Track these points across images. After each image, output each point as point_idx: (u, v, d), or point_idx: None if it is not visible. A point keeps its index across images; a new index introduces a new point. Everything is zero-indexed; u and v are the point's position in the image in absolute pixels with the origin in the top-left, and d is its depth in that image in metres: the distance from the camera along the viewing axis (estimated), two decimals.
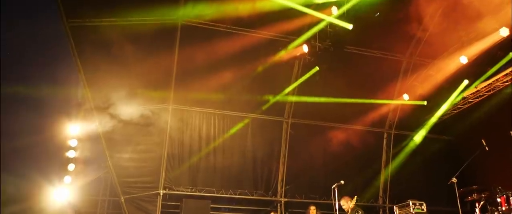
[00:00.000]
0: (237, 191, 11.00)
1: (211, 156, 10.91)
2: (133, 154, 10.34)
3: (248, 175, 11.21)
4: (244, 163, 11.19)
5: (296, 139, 11.38)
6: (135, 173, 10.32)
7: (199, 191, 10.72)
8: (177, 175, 10.64)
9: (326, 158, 11.58)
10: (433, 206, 8.90)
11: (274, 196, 11.31)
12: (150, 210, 10.29)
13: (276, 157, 11.41)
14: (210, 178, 10.91)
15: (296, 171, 11.34)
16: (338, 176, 11.02)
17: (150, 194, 10.34)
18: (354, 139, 11.49)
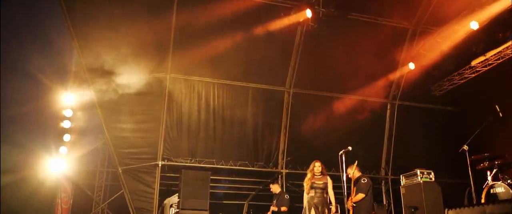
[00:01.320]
0: (237, 163, 10.65)
1: (211, 126, 10.52)
2: (131, 125, 9.94)
3: (248, 146, 10.84)
4: (245, 134, 10.81)
5: (297, 109, 10.97)
6: (133, 143, 9.95)
7: (198, 162, 10.37)
8: (176, 146, 10.28)
9: (328, 129, 11.17)
10: (438, 178, 8.57)
11: (275, 167, 10.98)
12: (149, 181, 9.96)
13: (277, 127, 11.01)
14: (210, 149, 10.55)
15: (298, 142, 10.96)
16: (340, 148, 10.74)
17: (149, 165, 9.99)
18: (357, 109, 11.08)
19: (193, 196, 9.53)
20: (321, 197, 6.61)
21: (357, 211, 7.12)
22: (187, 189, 9.54)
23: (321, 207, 6.51)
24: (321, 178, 6.84)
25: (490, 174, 6.49)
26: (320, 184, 6.70)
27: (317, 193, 6.62)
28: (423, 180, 7.22)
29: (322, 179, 6.83)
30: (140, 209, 9.78)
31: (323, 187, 6.65)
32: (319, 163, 7.12)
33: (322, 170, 7.01)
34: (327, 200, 6.72)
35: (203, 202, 9.59)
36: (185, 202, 9.44)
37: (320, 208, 6.48)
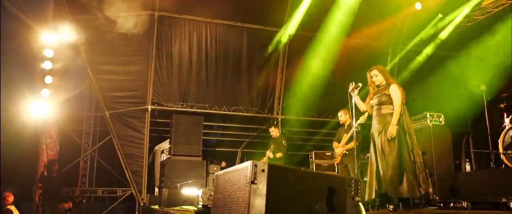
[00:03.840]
0: (231, 108, 9.91)
1: (203, 70, 9.65)
2: (117, 67, 9.03)
3: (243, 91, 10.05)
4: (239, 78, 9.98)
5: (295, 53, 10.11)
6: (120, 87, 9.09)
7: (190, 107, 9.60)
8: (166, 89, 9.44)
9: (327, 74, 10.39)
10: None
11: (270, 113, 10.28)
12: (138, 127, 9.21)
13: (273, 71, 10.20)
14: (202, 94, 9.75)
15: (295, 87, 10.19)
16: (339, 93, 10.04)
17: (138, 110, 9.19)
18: (357, 53, 10.22)
19: (185, 142, 8.88)
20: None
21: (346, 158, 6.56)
22: (179, 134, 8.87)
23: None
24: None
25: (507, 116, 5.82)
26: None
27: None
28: (432, 123, 6.53)
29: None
30: (130, 155, 9.10)
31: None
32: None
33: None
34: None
35: (196, 148, 8.96)
36: (177, 148, 8.80)
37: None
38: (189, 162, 8.78)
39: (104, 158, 10.41)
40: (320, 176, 1.91)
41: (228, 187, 2.20)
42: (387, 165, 4.55)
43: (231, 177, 2.17)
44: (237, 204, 1.95)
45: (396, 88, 4.72)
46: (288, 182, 1.83)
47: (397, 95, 4.67)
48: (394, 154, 4.56)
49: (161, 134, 10.33)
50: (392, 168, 4.50)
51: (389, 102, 4.72)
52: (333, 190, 1.84)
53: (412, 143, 4.68)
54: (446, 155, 6.52)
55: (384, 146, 4.61)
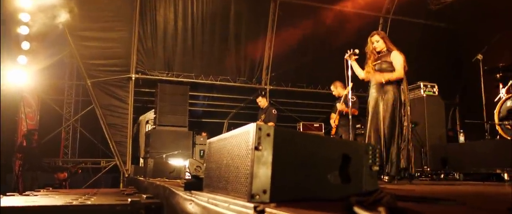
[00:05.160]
0: (218, 78, 9.57)
1: (189, 38, 9.23)
2: (98, 33, 8.55)
3: (230, 60, 9.69)
4: (226, 47, 9.60)
5: (284, 22, 9.73)
6: (102, 54, 8.63)
7: (176, 76, 9.23)
8: (151, 58, 9.04)
9: (316, 44, 10.10)
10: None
11: (258, 83, 9.97)
12: (122, 96, 8.82)
13: (261, 41, 9.84)
14: (188, 63, 9.36)
15: (283, 57, 9.86)
16: (327, 64, 9.79)
17: (121, 78, 8.78)
18: (346, 23, 9.92)
19: (171, 112, 8.57)
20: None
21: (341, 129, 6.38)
22: (164, 104, 8.55)
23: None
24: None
25: (503, 86, 5.64)
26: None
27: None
28: (426, 94, 6.35)
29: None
30: (114, 125, 8.75)
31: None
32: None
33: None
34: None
35: (182, 118, 8.66)
36: (162, 118, 8.49)
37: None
38: (175, 133, 8.50)
39: (87, 128, 10.02)
40: (333, 142, 1.65)
41: (224, 155, 1.92)
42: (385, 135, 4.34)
43: (228, 144, 1.89)
44: (237, 175, 1.67)
45: (398, 54, 4.47)
46: (296, 149, 1.56)
47: (400, 61, 4.43)
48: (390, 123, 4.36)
49: (146, 104, 9.97)
50: (389, 139, 4.31)
51: (389, 69, 4.48)
52: (348, 158, 1.57)
53: (406, 114, 4.47)
54: (439, 126, 6.36)
55: (382, 115, 4.39)
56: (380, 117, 4.42)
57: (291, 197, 1.52)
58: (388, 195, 1.51)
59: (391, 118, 4.36)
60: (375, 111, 4.51)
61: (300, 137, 1.59)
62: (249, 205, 1.43)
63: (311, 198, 1.55)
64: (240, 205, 1.52)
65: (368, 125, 4.62)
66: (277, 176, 1.51)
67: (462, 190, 2.69)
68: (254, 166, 1.50)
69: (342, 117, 6.36)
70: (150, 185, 4.08)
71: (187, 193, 2.40)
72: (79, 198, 2.91)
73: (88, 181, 9.36)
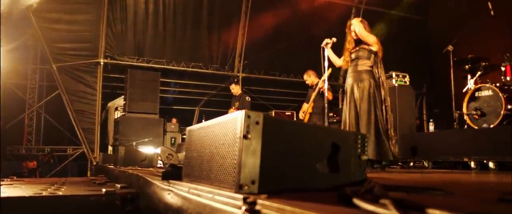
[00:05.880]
0: (190, 64, 9.38)
1: (160, 23, 8.98)
2: (65, 15, 8.18)
3: (202, 47, 9.52)
4: (199, 33, 9.41)
5: (257, 9, 9.62)
6: (69, 38, 8.27)
7: (146, 62, 8.98)
8: (120, 42, 8.74)
9: (289, 32, 10.06)
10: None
11: (231, 71, 9.86)
12: (90, 81, 8.51)
13: (234, 28, 9.70)
14: (160, 49, 9.12)
15: (256, 45, 9.78)
16: (301, 53, 9.80)
17: (88, 63, 8.45)
18: (319, 12, 9.93)
19: (141, 98, 8.36)
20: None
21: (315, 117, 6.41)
22: (134, 90, 8.32)
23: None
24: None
25: (471, 77, 5.80)
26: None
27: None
28: (398, 84, 6.44)
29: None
30: (81, 112, 8.44)
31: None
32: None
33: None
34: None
35: (152, 105, 8.47)
36: (132, 104, 8.27)
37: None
38: (145, 120, 8.31)
39: (52, 115, 9.62)
40: (322, 130, 1.60)
41: (207, 143, 1.84)
42: (361, 123, 4.36)
43: (211, 132, 1.80)
44: (222, 164, 1.60)
45: (375, 39, 4.48)
46: (286, 137, 1.50)
47: (373, 37, 4.44)
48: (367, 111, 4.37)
49: (115, 90, 9.68)
50: (365, 128, 4.32)
51: (365, 56, 4.48)
52: (337, 147, 1.53)
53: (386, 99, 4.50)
54: (409, 115, 6.48)
55: (358, 103, 4.41)
56: (357, 105, 4.43)
57: (280, 188, 1.47)
58: (377, 185, 1.48)
59: (367, 107, 4.38)
60: (351, 100, 4.52)
61: (289, 125, 1.53)
62: (238, 196, 1.36)
63: (300, 188, 1.50)
64: (227, 196, 1.45)
65: (344, 112, 4.63)
66: (266, 165, 1.45)
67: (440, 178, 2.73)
68: (243, 155, 1.43)
69: (316, 105, 6.37)
70: (122, 174, 3.94)
71: (165, 183, 2.31)
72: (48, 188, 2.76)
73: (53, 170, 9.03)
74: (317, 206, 1.08)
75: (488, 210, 1.12)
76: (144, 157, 5.34)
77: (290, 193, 1.45)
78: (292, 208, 1.04)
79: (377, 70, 4.55)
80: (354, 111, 4.44)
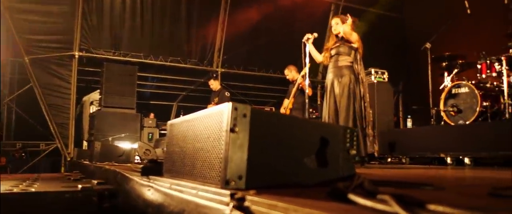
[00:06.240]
0: (168, 58, 9.20)
1: (138, 16, 8.76)
2: (38, 5, 7.87)
3: (181, 41, 9.35)
4: (177, 27, 9.24)
5: (237, 4, 9.52)
6: (42, 29, 7.97)
7: (123, 55, 8.77)
8: (96, 35, 8.49)
9: (269, 28, 10.00)
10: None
11: (209, 66, 9.73)
12: (64, 75, 8.24)
13: (214, 22, 9.57)
14: (137, 42, 8.91)
15: (236, 40, 9.68)
16: (280, 48, 9.76)
17: (63, 56, 8.18)
18: (299, 7, 9.91)
19: (117, 92, 8.15)
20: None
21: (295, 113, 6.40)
22: (111, 84, 8.10)
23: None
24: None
25: (448, 74, 5.88)
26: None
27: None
28: (377, 80, 6.49)
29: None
30: (55, 106, 8.18)
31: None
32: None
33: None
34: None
35: (129, 99, 8.27)
36: (108, 99, 8.05)
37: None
38: (122, 115, 8.11)
39: (24, 109, 9.27)
40: (311, 124, 1.54)
41: (190, 137, 1.76)
42: (340, 119, 4.35)
43: (195, 125, 1.73)
44: (206, 159, 1.53)
45: (357, 36, 4.49)
46: (274, 131, 1.44)
47: (356, 38, 4.45)
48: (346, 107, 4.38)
49: (90, 84, 9.42)
50: (344, 123, 4.32)
51: (346, 53, 4.48)
52: (326, 141, 1.48)
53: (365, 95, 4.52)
54: (387, 112, 6.54)
55: (338, 99, 4.40)
56: (337, 101, 4.43)
57: (267, 183, 1.41)
58: (366, 180, 1.44)
59: (347, 102, 4.38)
60: (331, 95, 4.51)
61: (277, 118, 1.48)
62: (225, 192, 1.30)
63: (288, 183, 1.45)
64: (212, 192, 1.38)
65: (324, 108, 4.62)
66: (254, 160, 1.39)
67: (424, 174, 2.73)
68: (229, 150, 1.36)
69: (296, 100, 6.35)
70: (98, 170, 3.81)
71: (145, 179, 2.22)
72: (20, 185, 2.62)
73: (25, 165, 8.72)
74: (311, 202, 1.02)
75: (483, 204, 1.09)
76: (121, 152, 5.19)
77: (278, 188, 1.39)
78: (285, 205, 0.99)
79: (357, 67, 4.56)
80: (334, 107, 4.44)
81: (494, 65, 5.30)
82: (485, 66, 5.39)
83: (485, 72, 5.38)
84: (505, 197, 1.29)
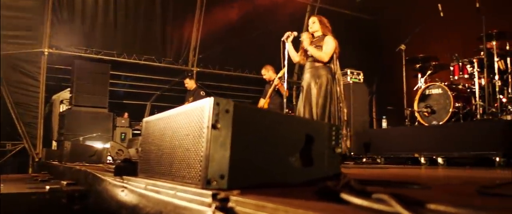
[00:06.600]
0: (142, 57, 9.00)
1: (111, 12, 8.52)
2: None
3: (156, 39, 9.16)
4: (152, 25, 9.04)
5: (213, 3, 9.40)
6: (9, 24, 7.62)
7: (95, 53, 8.50)
8: (67, 32, 8.19)
9: (245, 28, 9.91)
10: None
11: (184, 65, 9.57)
12: (32, 72, 7.92)
13: (189, 21, 9.42)
14: (110, 40, 8.66)
15: (211, 39, 9.56)
16: (256, 48, 9.70)
17: (31, 53, 7.86)
18: (276, 8, 9.89)
19: (89, 91, 7.89)
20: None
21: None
22: (82, 83, 7.84)
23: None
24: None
25: (422, 76, 5.96)
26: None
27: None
28: (352, 80, 6.51)
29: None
30: (22, 105, 7.85)
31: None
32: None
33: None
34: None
35: (101, 98, 8.02)
36: (79, 97, 7.78)
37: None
38: (94, 114, 7.85)
39: None
40: (296, 121, 1.48)
41: (167, 135, 1.67)
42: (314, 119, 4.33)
43: (172, 122, 1.63)
44: (185, 158, 1.44)
45: (332, 39, 4.48)
46: (258, 128, 1.36)
47: (330, 46, 4.44)
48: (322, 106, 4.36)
49: (60, 82, 9.08)
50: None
51: None
52: (311, 138, 1.41)
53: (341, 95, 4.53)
54: (363, 112, 6.58)
55: (315, 99, 4.38)
56: (313, 101, 4.41)
57: (251, 183, 1.33)
58: (352, 180, 1.38)
59: (323, 102, 4.37)
60: (308, 95, 4.49)
61: (262, 115, 1.40)
62: (206, 193, 1.21)
63: (272, 183, 1.37)
64: (192, 193, 1.29)
65: (299, 109, 4.59)
66: (237, 158, 1.31)
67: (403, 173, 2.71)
68: (211, 147, 1.28)
69: (272, 101, 6.30)
70: (68, 170, 3.63)
71: (118, 179, 2.10)
72: None
73: None
74: (302, 203, 0.95)
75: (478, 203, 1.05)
76: (93, 152, 5.00)
77: (262, 188, 1.32)
78: (275, 205, 0.91)
79: (333, 67, 4.56)
80: (309, 107, 4.42)
81: (466, 67, 5.40)
82: (457, 68, 5.49)
83: (458, 74, 5.48)
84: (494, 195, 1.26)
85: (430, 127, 5.41)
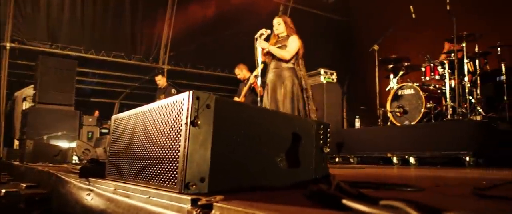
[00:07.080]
0: (111, 53, 8.66)
1: (78, 6, 8.15)
2: None
3: (125, 35, 8.83)
4: (121, 21, 8.71)
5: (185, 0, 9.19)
6: None
7: (61, 49, 8.11)
8: (31, 26, 7.77)
9: (217, 26, 9.73)
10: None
11: (155, 62, 9.29)
12: None
13: (160, 17, 9.15)
14: (77, 35, 8.27)
15: (183, 36, 9.32)
16: (228, 47, 9.55)
17: None
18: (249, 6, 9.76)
19: (54, 88, 7.50)
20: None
21: None
22: (47, 79, 7.44)
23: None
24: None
25: (394, 76, 5.99)
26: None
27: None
28: (326, 80, 6.47)
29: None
30: None
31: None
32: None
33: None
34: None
35: (67, 96, 7.65)
36: (44, 95, 7.39)
37: None
38: (59, 112, 7.47)
39: None
40: (282, 118, 1.35)
41: (140, 133, 1.51)
42: None
43: (146, 119, 1.48)
44: (161, 158, 1.29)
45: (296, 39, 4.44)
46: (242, 125, 1.23)
47: (294, 45, 4.40)
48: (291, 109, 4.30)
49: (23, 79, 8.63)
50: None
51: None
52: (298, 137, 1.30)
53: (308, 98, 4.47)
54: (336, 112, 6.55)
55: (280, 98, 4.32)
56: (280, 101, 4.34)
57: (234, 186, 1.20)
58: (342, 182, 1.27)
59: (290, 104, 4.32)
60: (273, 94, 4.43)
61: (245, 111, 1.27)
62: (184, 198, 1.07)
63: (257, 186, 1.24)
64: (168, 198, 1.15)
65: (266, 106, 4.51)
66: (218, 159, 1.17)
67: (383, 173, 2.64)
68: (190, 146, 1.14)
69: (246, 99, 6.18)
70: (30, 171, 3.38)
71: (84, 181, 1.92)
72: None
73: None
74: (298, 210, 0.83)
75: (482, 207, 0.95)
76: (57, 152, 4.71)
77: (246, 192, 1.19)
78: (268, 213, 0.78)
79: (298, 68, 4.52)
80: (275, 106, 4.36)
81: (437, 68, 5.45)
82: (429, 69, 5.54)
83: (429, 74, 5.52)
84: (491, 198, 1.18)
85: (402, 127, 5.43)
